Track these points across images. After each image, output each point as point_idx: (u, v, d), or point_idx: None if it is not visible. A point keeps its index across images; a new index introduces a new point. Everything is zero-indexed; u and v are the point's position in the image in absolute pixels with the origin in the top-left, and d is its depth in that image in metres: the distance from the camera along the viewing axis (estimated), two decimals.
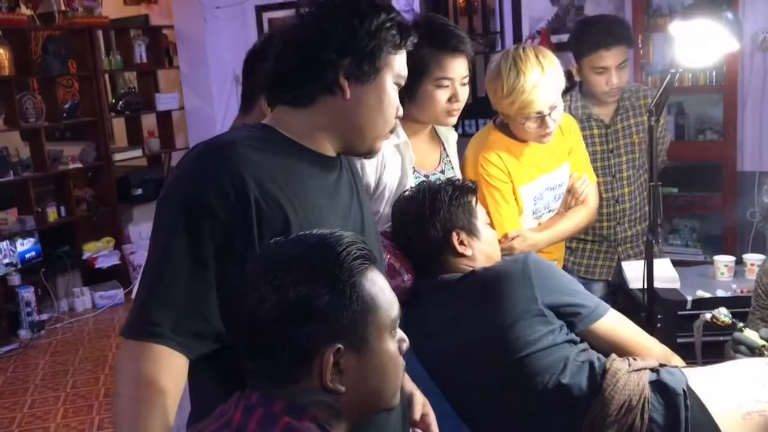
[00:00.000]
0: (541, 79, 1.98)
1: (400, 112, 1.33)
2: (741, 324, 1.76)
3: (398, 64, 1.29)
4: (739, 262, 2.69)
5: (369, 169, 1.89)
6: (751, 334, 1.69)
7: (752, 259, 2.66)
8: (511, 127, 2.15)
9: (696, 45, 1.75)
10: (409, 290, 1.76)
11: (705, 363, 1.72)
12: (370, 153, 1.35)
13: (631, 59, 3.67)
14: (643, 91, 2.77)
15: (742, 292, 2.50)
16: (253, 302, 1.03)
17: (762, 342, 1.67)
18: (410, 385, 1.54)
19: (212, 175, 1.17)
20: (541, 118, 2.04)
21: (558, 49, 4.07)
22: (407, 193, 1.84)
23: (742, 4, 3.57)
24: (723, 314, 1.79)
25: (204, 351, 1.18)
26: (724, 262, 2.68)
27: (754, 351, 1.67)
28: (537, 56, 2.00)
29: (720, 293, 2.52)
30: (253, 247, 1.16)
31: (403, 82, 1.32)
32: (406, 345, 1.11)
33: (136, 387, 1.12)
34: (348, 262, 1.03)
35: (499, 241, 1.98)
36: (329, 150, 1.31)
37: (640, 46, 3.71)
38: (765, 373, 1.55)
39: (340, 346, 1.01)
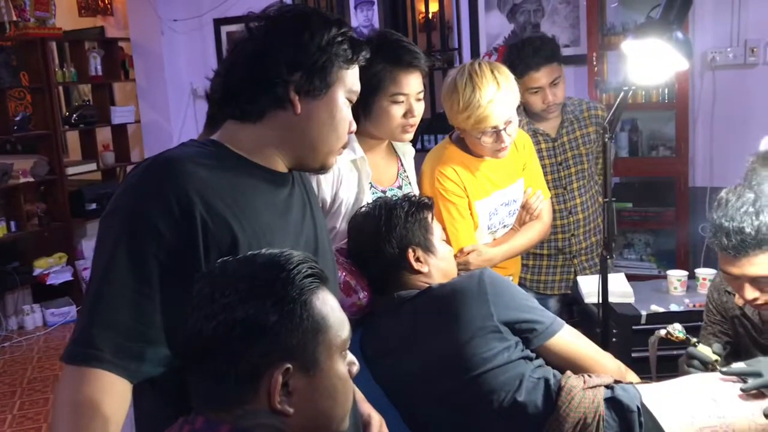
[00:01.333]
0: (497, 94, 1.99)
1: (353, 127, 1.32)
2: (694, 339, 1.77)
3: (350, 78, 1.27)
4: (692, 276, 2.73)
5: (325, 184, 1.88)
6: (704, 350, 1.71)
7: (704, 273, 2.71)
8: (467, 142, 2.16)
9: (647, 63, 1.78)
10: (365, 308, 1.74)
11: (659, 378, 1.73)
12: (322, 169, 1.33)
13: (585, 76, 3.78)
14: (586, 104, 2.85)
15: (694, 306, 2.54)
16: (199, 321, 1.00)
17: (715, 357, 1.69)
18: (366, 406, 1.52)
19: (157, 192, 1.13)
20: (497, 133, 2.05)
21: None
22: (363, 209, 1.83)
23: (692, 25, 3.66)
24: (677, 330, 1.81)
25: (148, 374, 1.14)
26: (677, 276, 2.71)
27: (707, 366, 1.68)
28: (492, 71, 2.02)
29: (673, 307, 2.55)
30: (200, 266, 1.13)
31: (355, 98, 1.31)
32: (356, 368, 1.09)
33: (76, 414, 1.08)
34: (298, 281, 1.01)
35: (455, 256, 1.98)
36: (280, 166, 1.29)
37: (594, 63, 3.78)
38: (717, 389, 1.56)
39: (289, 365, 0.98)
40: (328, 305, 1.04)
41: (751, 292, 1.68)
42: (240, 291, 0.99)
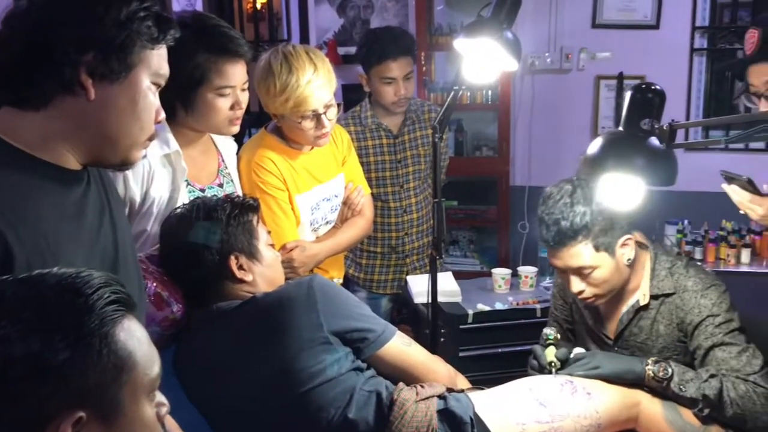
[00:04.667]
0: (315, 75, 1.93)
1: (161, 116, 1.15)
2: (551, 338, 1.74)
3: (156, 60, 1.10)
4: (516, 274, 2.81)
5: (133, 182, 1.67)
6: (549, 352, 1.70)
7: (526, 271, 2.79)
8: (286, 131, 2.07)
9: (479, 62, 1.76)
10: (179, 322, 1.55)
11: (488, 383, 1.71)
12: (124, 164, 1.15)
13: (414, 76, 3.80)
14: (427, 106, 2.89)
15: (518, 304, 2.60)
16: None
17: (551, 359, 1.68)
18: None
19: None
20: (317, 117, 1.99)
21: (345, 61, 4.08)
22: (178, 210, 1.64)
23: (513, 29, 3.79)
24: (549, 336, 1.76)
25: None
26: (501, 275, 2.77)
27: (543, 369, 1.68)
28: (308, 53, 1.97)
29: (499, 306, 2.60)
30: None
31: (163, 82, 1.14)
32: (165, 409, 0.93)
33: None
34: (98, 308, 0.84)
35: None
36: (71, 162, 1.09)
37: (423, 63, 3.80)
38: (545, 392, 1.56)
39: (82, 414, 0.81)
40: (135, 338, 0.87)
41: (577, 284, 1.71)
42: (22, 321, 0.80)
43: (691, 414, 1.62)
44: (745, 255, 3.24)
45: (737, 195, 1.66)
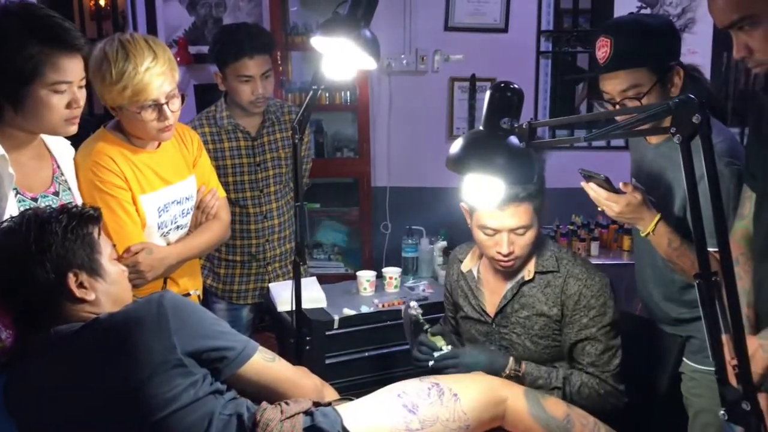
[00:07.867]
0: (154, 63, 1.84)
1: None
2: (427, 326, 1.83)
3: None
4: (380, 275, 2.79)
5: None
6: (436, 340, 1.80)
7: (390, 272, 2.79)
8: (126, 125, 1.95)
9: (336, 60, 1.72)
10: (9, 350, 1.38)
11: (357, 389, 1.67)
12: None
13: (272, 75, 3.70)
14: (287, 107, 2.82)
15: (383, 306, 2.58)
16: None
17: (442, 343, 1.78)
18: None
19: None
20: (159, 108, 1.88)
21: (196, 60, 3.92)
22: (6, 223, 1.46)
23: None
24: (414, 308, 1.90)
25: None
26: (366, 277, 2.75)
27: (432, 351, 1.79)
28: (147, 41, 1.88)
29: (364, 309, 2.57)
30: None
31: None
32: None
33: None
34: None
35: (121, 257, 1.73)
36: None
37: (279, 63, 3.72)
38: (411, 397, 1.53)
39: None
40: None
41: (507, 245, 1.79)
42: None
43: (554, 407, 1.66)
44: (595, 248, 3.43)
45: (595, 192, 1.74)
